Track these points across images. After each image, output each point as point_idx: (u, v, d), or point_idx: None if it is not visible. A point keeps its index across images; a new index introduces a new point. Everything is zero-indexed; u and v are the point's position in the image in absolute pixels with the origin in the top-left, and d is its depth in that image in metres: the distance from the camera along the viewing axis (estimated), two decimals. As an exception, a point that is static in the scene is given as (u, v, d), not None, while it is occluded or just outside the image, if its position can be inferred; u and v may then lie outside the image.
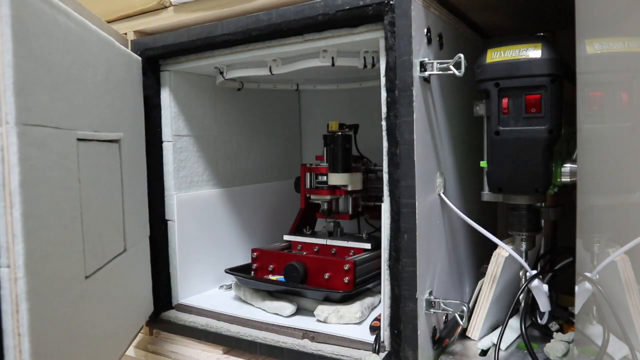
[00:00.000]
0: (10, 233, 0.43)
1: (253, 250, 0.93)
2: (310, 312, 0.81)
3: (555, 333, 0.69)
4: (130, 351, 0.95)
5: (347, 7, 0.65)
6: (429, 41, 0.65)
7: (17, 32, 0.44)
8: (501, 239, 0.69)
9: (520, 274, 0.71)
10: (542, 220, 0.73)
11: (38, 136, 0.47)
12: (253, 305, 0.87)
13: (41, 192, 0.47)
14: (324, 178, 0.94)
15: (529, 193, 0.66)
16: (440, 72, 0.63)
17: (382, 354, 0.66)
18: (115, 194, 0.70)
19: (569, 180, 0.65)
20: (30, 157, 0.45)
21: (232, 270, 0.92)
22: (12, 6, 0.43)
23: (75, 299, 0.54)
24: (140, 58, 0.83)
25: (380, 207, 0.65)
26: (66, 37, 0.55)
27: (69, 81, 0.55)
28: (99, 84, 0.64)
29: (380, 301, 0.79)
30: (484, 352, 0.70)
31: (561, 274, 0.78)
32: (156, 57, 0.85)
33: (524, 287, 0.68)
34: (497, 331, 0.70)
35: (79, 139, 0.57)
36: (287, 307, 0.81)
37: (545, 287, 0.68)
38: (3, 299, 0.43)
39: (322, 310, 0.78)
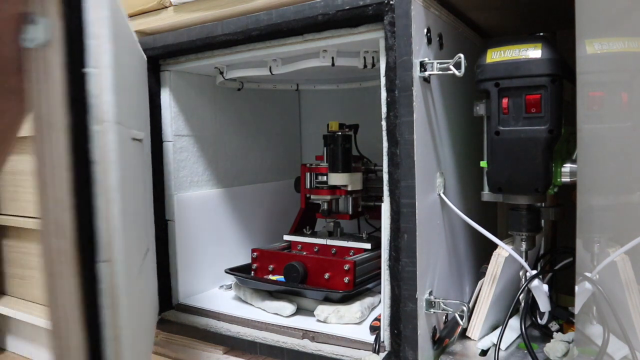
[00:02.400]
0: (109, 228, 0.43)
1: (253, 250, 0.93)
2: (310, 312, 0.81)
3: (555, 333, 0.69)
4: (130, 351, 0.95)
5: (347, 7, 0.65)
6: (429, 41, 0.65)
7: (112, 33, 0.45)
8: (501, 239, 0.69)
9: (520, 274, 0.71)
10: (542, 220, 0.73)
11: (122, 134, 0.48)
12: (253, 305, 0.87)
13: (125, 189, 0.49)
14: (324, 178, 0.94)
15: (529, 193, 0.66)
16: (440, 72, 0.63)
17: (382, 354, 0.66)
18: (143, 193, 0.71)
19: (569, 180, 0.65)
20: (121, 155, 0.46)
21: (232, 270, 0.92)
22: (110, 8, 0.44)
23: (134, 292, 0.56)
24: (146, 57, 0.83)
25: (380, 207, 0.65)
26: (125, 36, 0.56)
27: (126, 80, 0.56)
28: (135, 83, 0.65)
29: (380, 301, 0.79)
30: (484, 352, 0.70)
31: (561, 274, 0.78)
32: (156, 57, 0.85)
33: (524, 287, 0.68)
34: (497, 331, 0.70)
35: (132, 138, 0.58)
36: (287, 307, 0.81)
37: (545, 287, 0.68)
38: (104, 292, 0.43)
39: (322, 310, 0.78)
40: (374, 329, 0.72)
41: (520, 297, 0.70)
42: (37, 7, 0.39)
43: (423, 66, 0.63)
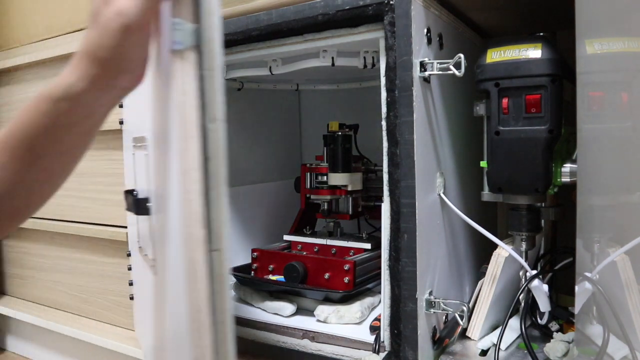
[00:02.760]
0: (220, 220, 0.46)
1: (253, 250, 0.93)
2: (310, 312, 0.81)
3: (555, 333, 0.69)
4: (131, 351, 0.95)
5: (347, 7, 0.65)
6: (429, 41, 0.65)
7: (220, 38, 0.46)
8: (501, 239, 0.69)
9: (520, 274, 0.71)
10: (542, 220, 0.73)
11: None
12: (253, 305, 0.87)
13: None
14: (324, 178, 0.94)
15: (529, 193, 0.66)
16: (440, 72, 0.63)
17: (382, 354, 0.66)
18: None
19: (569, 180, 0.65)
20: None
21: (232, 270, 0.92)
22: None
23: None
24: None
25: (380, 207, 0.65)
26: None
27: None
28: None
29: (380, 301, 0.79)
30: (484, 352, 0.70)
31: (561, 274, 0.78)
32: (156, 57, 0.85)
33: (524, 287, 0.68)
34: (497, 331, 0.70)
35: None
36: (287, 307, 0.81)
37: (545, 287, 0.68)
38: (215, 279, 0.44)
39: (322, 310, 0.78)
40: (374, 329, 0.72)
41: (520, 297, 0.70)
42: (183, 13, 0.40)
43: (423, 66, 0.63)
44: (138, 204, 0.59)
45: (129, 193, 0.66)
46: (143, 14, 0.39)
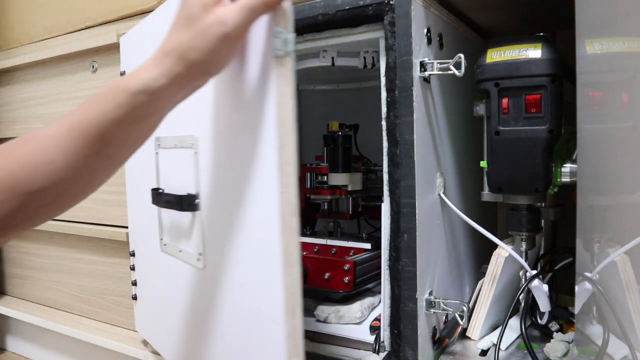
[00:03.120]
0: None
1: (253, 250, 0.92)
2: (310, 312, 0.81)
3: (555, 333, 0.69)
4: (131, 351, 0.95)
5: (347, 7, 0.65)
6: (429, 41, 0.65)
7: None
8: (501, 239, 0.69)
9: (520, 274, 0.71)
10: (542, 220, 0.73)
11: None
12: (253, 305, 0.87)
13: None
14: (324, 178, 0.94)
15: (529, 193, 0.66)
16: (440, 72, 0.63)
17: (382, 354, 0.66)
18: None
19: (569, 180, 0.65)
20: None
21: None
22: None
23: None
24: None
25: (380, 207, 0.65)
26: None
27: None
28: None
29: (380, 301, 0.79)
30: (484, 352, 0.70)
31: (561, 274, 0.78)
32: (156, 57, 0.85)
33: (524, 287, 0.68)
34: (497, 331, 0.70)
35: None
36: (287, 307, 0.81)
37: (545, 287, 0.68)
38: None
39: (322, 310, 0.78)
40: (374, 329, 0.72)
41: (520, 297, 0.70)
42: (282, 23, 0.43)
43: (423, 66, 0.63)
44: (183, 201, 0.60)
45: (159, 191, 0.67)
46: (244, 25, 0.42)
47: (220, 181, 0.56)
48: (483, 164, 0.69)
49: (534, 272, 0.68)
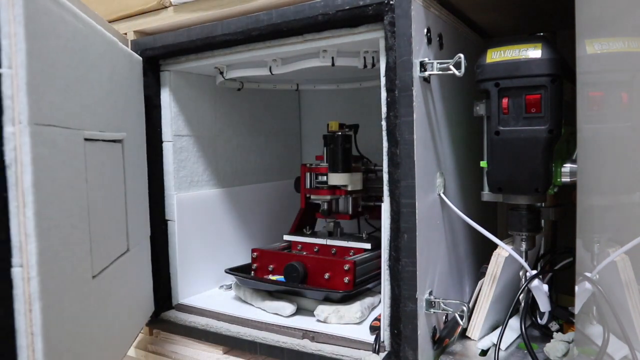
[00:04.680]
0: (23, 232, 0.43)
1: (253, 250, 0.93)
2: (310, 312, 0.81)
3: (555, 333, 0.69)
4: (131, 351, 0.95)
5: (347, 7, 0.65)
6: (429, 41, 0.65)
7: (29, 31, 0.44)
8: (501, 239, 0.69)
9: (520, 274, 0.71)
10: (542, 220, 0.73)
11: (49, 136, 0.47)
12: (253, 305, 0.87)
13: (52, 191, 0.47)
14: (324, 178, 0.94)
15: (529, 193, 0.66)
16: (440, 72, 0.63)
17: (382, 354, 0.66)
18: (119, 194, 0.70)
19: (569, 180, 0.65)
20: (41, 157, 0.45)
21: (232, 270, 0.92)
22: (24, 6, 0.43)
23: (83, 298, 0.54)
24: (140, 58, 0.83)
25: (380, 207, 0.65)
26: (74, 37, 0.55)
27: (76, 81, 0.55)
28: (104, 84, 0.64)
29: (380, 301, 0.79)
30: (484, 352, 0.70)
31: (561, 274, 0.78)
32: (156, 57, 0.85)
33: (524, 287, 0.68)
34: (497, 331, 0.70)
35: (86, 139, 0.57)
36: (287, 307, 0.81)
37: (545, 287, 0.68)
38: (16, 298, 0.43)
39: (322, 310, 0.78)
40: (374, 329, 0.72)
41: (520, 297, 0.70)
42: None
43: (423, 66, 0.63)
44: None
45: None
46: None
47: None
48: (483, 164, 0.69)
49: (534, 272, 0.68)
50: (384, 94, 0.64)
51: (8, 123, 0.42)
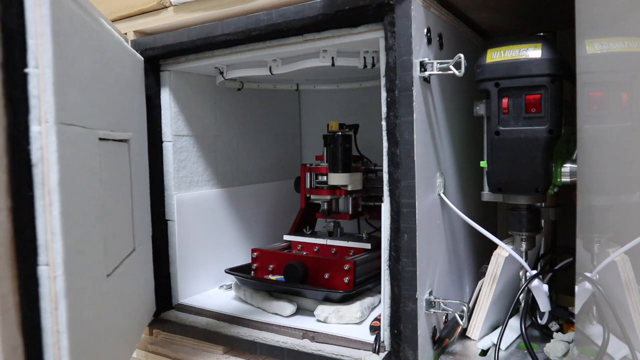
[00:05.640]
0: (49, 231, 0.43)
1: (253, 250, 0.93)
2: (310, 312, 0.81)
3: (555, 333, 0.69)
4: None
5: (347, 7, 0.65)
6: (429, 41, 0.65)
7: (55, 31, 0.44)
8: (501, 239, 0.69)
9: (520, 274, 0.71)
10: (542, 220, 0.73)
11: (71, 135, 0.48)
12: (253, 305, 0.87)
13: (74, 191, 0.48)
14: (324, 178, 0.94)
15: (529, 193, 0.66)
16: (440, 72, 0.63)
17: (382, 354, 0.66)
18: (127, 194, 0.70)
19: (569, 180, 0.65)
20: (65, 156, 0.45)
21: (232, 270, 0.92)
22: (51, 6, 0.44)
23: (100, 296, 0.55)
24: (142, 58, 0.83)
25: (380, 207, 0.65)
26: (90, 37, 0.55)
27: (92, 81, 0.55)
28: (113, 83, 0.64)
29: (380, 301, 0.79)
30: (484, 352, 0.70)
31: (561, 274, 0.78)
32: (156, 57, 0.85)
33: (524, 287, 0.68)
34: (497, 331, 0.70)
35: (100, 139, 0.57)
36: (287, 307, 0.81)
37: (545, 287, 0.68)
38: (42, 296, 0.43)
39: (322, 310, 0.78)
40: (374, 329, 0.72)
41: (520, 297, 0.70)
42: None
43: (423, 66, 0.63)
44: None
45: None
46: None
47: None
48: (483, 164, 0.69)
49: (534, 272, 0.68)
50: (384, 94, 0.64)
51: (34, 122, 0.43)
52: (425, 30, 0.64)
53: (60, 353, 0.44)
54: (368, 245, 0.88)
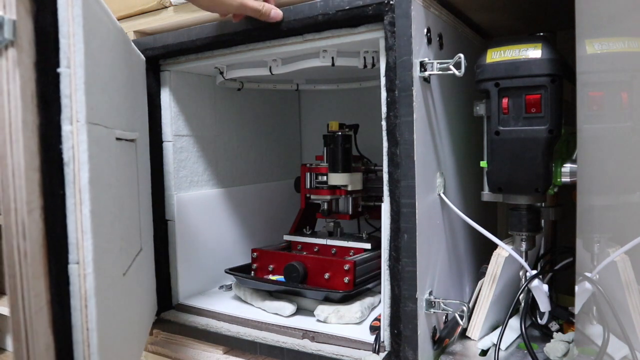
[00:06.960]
0: (80, 229, 0.44)
1: (253, 250, 0.93)
2: (310, 312, 0.81)
3: (555, 333, 0.69)
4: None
5: (347, 7, 0.65)
6: (429, 41, 0.65)
7: (86, 32, 0.44)
8: (501, 239, 0.69)
9: (520, 274, 0.71)
10: (542, 220, 0.73)
11: (97, 135, 0.48)
12: (253, 305, 0.87)
13: (100, 189, 0.48)
14: (324, 178, 0.94)
15: (529, 193, 0.66)
16: (440, 72, 0.63)
17: (382, 354, 0.66)
18: (135, 193, 0.70)
19: (569, 180, 0.65)
20: (93, 155, 0.46)
21: (232, 270, 0.92)
22: (83, 6, 0.44)
23: (118, 294, 0.55)
24: (144, 58, 0.83)
25: (380, 207, 0.65)
26: (108, 37, 0.55)
27: (110, 81, 0.55)
28: (125, 83, 0.65)
29: (380, 301, 0.79)
30: (484, 352, 0.70)
31: (561, 274, 0.78)
32: (156, 57, 0.85)
33: (524, 287, 0.68)
34: (497, 331, 0.70)
35: (116, 138, 0.57)
36: (287, 307, 0.81)
37: (545, 287, 0.68)
38: (72, 294, 0.43)
39: (322, 310, 0.78)
40: (374, 329, 0.72)
41: (520, 297, 0.70)
42: (1, 8, 0.39)
43: (423, 66, 0.63)
44: None
45: None
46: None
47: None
48: (483, 164, 0.69)
49: (534, 272, 0.68)
50: (384, 94, 0.64)
51: (66, 122, 0.43)
52: (425, 30, 0.64)
53: (90, 350, 0.44)
54: (368, 245, 0.88)
